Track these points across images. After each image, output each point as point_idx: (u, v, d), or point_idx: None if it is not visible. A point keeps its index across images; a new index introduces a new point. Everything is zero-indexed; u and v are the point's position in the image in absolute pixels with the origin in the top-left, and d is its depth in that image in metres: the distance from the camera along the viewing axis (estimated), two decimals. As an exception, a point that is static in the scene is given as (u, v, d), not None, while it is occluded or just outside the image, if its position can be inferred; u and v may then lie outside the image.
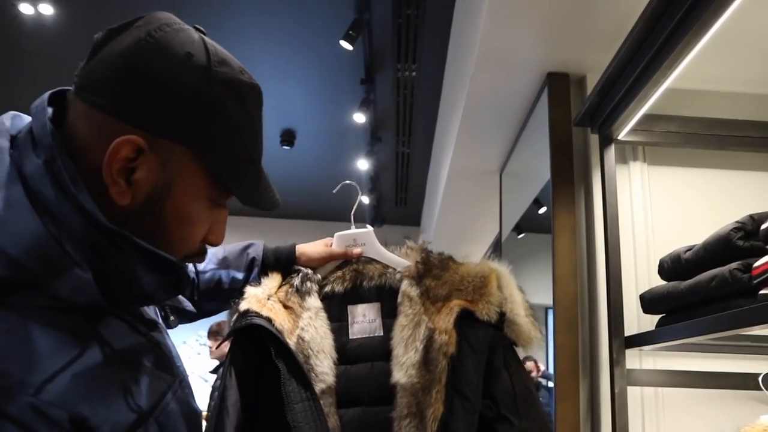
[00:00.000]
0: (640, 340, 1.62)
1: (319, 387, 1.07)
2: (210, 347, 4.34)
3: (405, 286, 1.16)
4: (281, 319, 1.10)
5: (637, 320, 1.81)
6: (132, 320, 0.75)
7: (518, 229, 3.02)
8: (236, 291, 1.17)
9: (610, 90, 1.69)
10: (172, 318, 0.96)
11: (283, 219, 8.33)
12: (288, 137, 5.87)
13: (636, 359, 1.85)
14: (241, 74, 0.75)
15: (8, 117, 0.72)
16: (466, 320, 1.09)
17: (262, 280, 1.18)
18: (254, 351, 1.07)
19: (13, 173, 0.64)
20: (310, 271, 1.20)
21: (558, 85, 2.28)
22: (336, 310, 1.19)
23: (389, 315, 1.17)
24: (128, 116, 0.67)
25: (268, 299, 1.13)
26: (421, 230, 7.80)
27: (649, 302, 1.62)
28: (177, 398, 0.75)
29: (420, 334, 1.09)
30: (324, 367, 1.09)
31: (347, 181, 1.37)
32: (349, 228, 1.27)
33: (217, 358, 4.36)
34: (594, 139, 1.99)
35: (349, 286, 1.21)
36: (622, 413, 1.63)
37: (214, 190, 0.75)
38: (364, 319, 1.19)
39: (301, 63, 4.62)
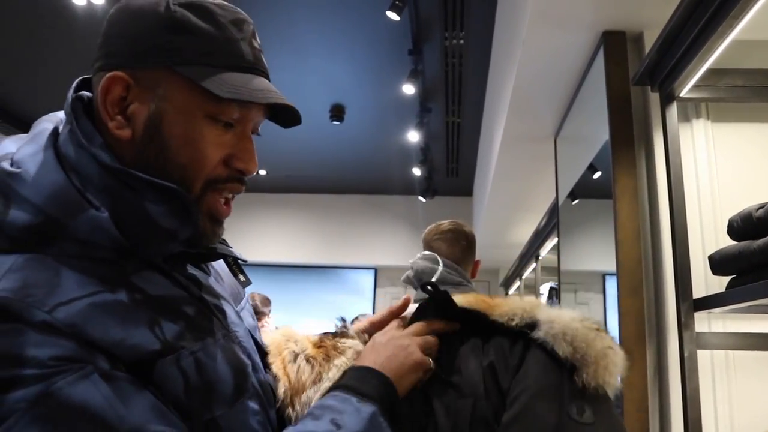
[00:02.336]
0: (711, 302, 1.58)
1: None
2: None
3: None
4: None
5: (704, 282, 1.76)
6: (183, 279, 0.80)
7: (572, 195, 2.96)
8: None
9: (671, 45, 1.62)
10: (242, 278, 0.99)
11: (336, 194, 8.41)
12: (337, 112, 5.89)
13: (705, 322, 1.80)
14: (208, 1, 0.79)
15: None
16: (433, 382, 0.81)
17: None
18: None
19: (50, 143, 0.75)
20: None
21: (614, 43, 2.21)
22: None
23: None
24: (109, 64, 0.76)
25: None
26: (473, 200, 7.74)
27: (719, 263, 1.57)
28: (219, 345, 0.78)
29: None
30: None
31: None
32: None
33: None
34: (654, 98, 1.93)
35: None
36: (693, 377, 1.59)
37: (208, 103, 0.76)
38: None
39: (347, 36, 4.60)
